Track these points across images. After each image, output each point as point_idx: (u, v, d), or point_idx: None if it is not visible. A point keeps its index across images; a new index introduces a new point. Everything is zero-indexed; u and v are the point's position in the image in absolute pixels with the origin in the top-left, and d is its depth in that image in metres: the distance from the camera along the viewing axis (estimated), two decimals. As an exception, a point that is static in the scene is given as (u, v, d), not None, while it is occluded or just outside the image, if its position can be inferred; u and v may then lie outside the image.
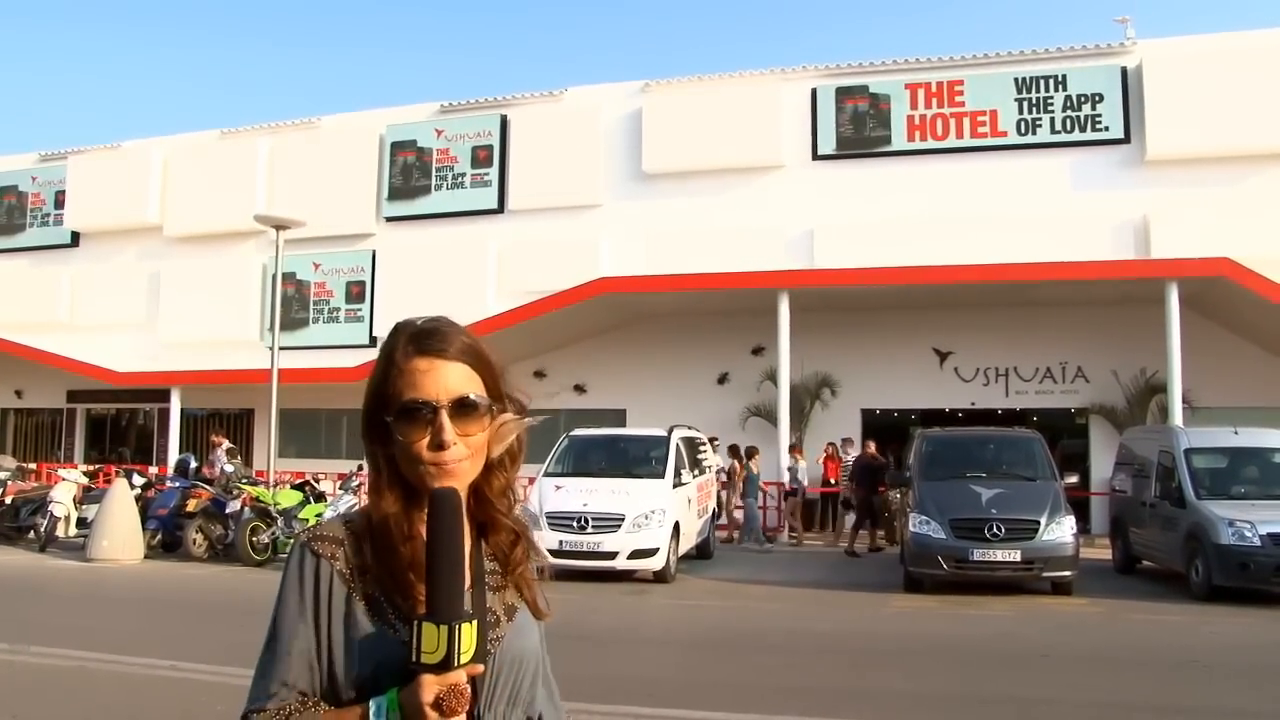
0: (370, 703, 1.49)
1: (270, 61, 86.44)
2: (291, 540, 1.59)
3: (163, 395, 25.61)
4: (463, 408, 1.60)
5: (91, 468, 23.63)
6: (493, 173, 24.69)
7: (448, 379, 1.61)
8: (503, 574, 1.70)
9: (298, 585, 1.61)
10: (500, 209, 24.55)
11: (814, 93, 22.63)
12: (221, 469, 17.92)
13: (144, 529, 15.89)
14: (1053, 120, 21.25)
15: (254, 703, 1.58)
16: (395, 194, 25.49)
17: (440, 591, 1.45)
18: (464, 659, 1.42)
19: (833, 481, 20.44)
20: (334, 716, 1.54)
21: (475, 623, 1.46)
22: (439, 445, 1.58)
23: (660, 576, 13.66)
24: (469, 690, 1.44)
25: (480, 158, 24.85)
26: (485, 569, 1.66)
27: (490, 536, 1.70)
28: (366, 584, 1.59)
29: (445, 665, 1.41)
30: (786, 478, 19.52)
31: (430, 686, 1.41)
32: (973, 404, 21.54)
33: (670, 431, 15.33)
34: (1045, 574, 12.57)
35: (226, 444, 19.79)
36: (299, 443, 22.89)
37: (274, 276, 19.20)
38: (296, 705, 1.55)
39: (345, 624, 1.58)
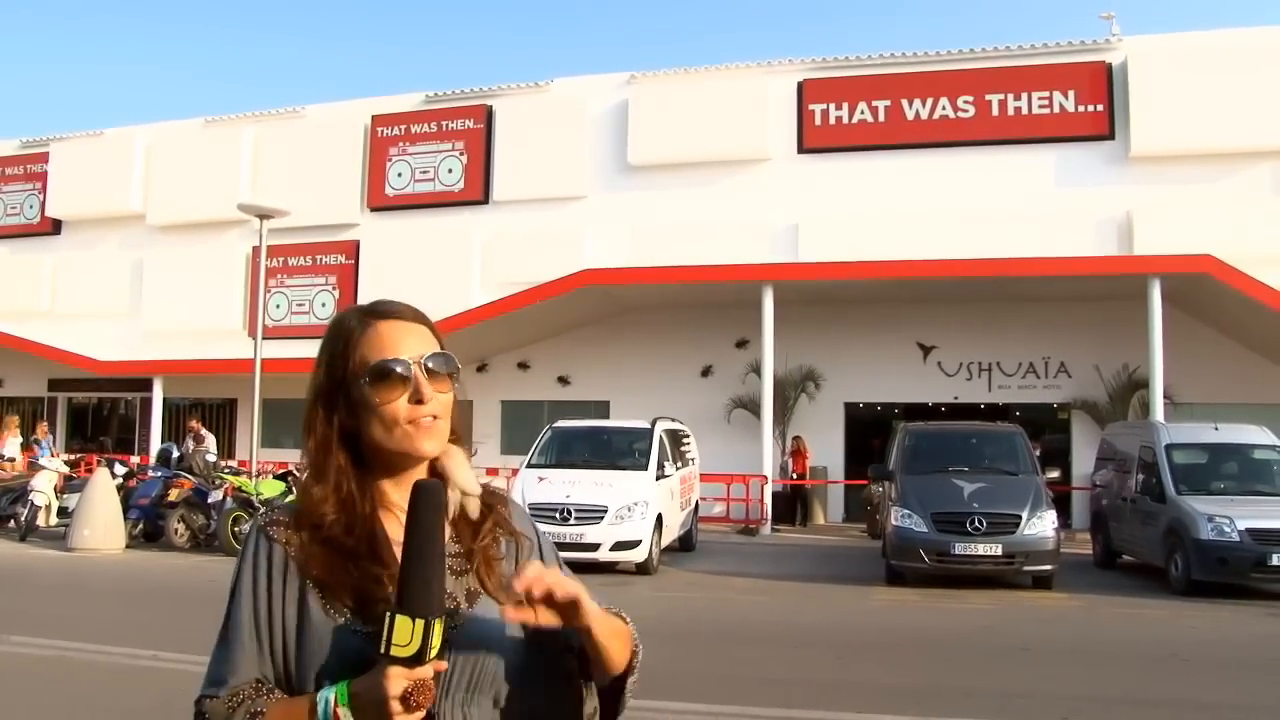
0: (318, 695, 1.46)
1: (256, 50, 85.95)
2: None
3: (145, 384, 25.49)
4: (434, 363, 1.61)
5: (73, 457, 23.46)
6: (478, 163, 24.63)
7: (415, 338, 1.64)
8: (466, 557, 1.63)
9: (251, 571, 1.59)
10: (485, 200, 24.49)
11: (800, 86, 22.65)
12: (196, 457, 17.69)
13: (125, 518, 15.81)
14: (1037, 116, 21.31)
15: (208, 688, 1.56)
16: (379, 184, 25.39)
17: (418, 584, 1.40)
18: (433, 653, 1.38)
19: (798, 475, 20.63)
20: (285, 705, 1.51)
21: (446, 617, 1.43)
22: (418, 400, 1.58)
23: (643, 568, 13.68)
24: (434, 685, 1.41)
25: (465, 148, 24.77)
26: (449, 551, 1.59)
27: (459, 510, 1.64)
28: (321, 571, 1.56)
29: (417, 660, 1.37)
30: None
31: (399, 680, 1.37)
32: (956, 398, 21.62)
33: (654, 423, 15.33)
34: (1026, 568, 12.65)
35: (197, 428, 19.46)
36: (282, 432, 22.79)
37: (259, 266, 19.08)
38: (250, 692, 1.53)
39: (299, 612, 1.56)
